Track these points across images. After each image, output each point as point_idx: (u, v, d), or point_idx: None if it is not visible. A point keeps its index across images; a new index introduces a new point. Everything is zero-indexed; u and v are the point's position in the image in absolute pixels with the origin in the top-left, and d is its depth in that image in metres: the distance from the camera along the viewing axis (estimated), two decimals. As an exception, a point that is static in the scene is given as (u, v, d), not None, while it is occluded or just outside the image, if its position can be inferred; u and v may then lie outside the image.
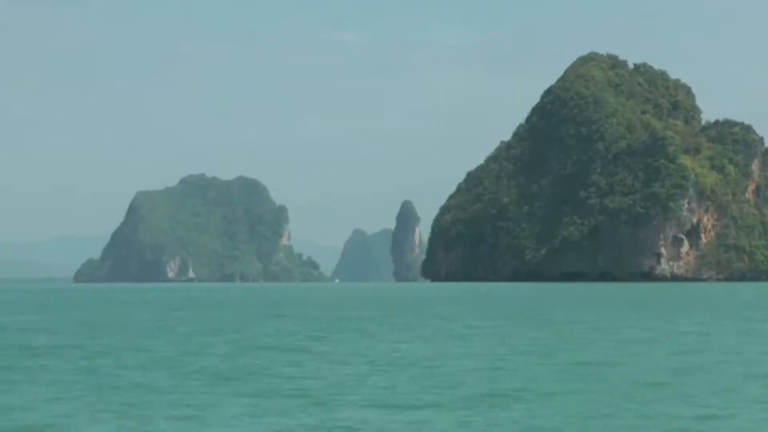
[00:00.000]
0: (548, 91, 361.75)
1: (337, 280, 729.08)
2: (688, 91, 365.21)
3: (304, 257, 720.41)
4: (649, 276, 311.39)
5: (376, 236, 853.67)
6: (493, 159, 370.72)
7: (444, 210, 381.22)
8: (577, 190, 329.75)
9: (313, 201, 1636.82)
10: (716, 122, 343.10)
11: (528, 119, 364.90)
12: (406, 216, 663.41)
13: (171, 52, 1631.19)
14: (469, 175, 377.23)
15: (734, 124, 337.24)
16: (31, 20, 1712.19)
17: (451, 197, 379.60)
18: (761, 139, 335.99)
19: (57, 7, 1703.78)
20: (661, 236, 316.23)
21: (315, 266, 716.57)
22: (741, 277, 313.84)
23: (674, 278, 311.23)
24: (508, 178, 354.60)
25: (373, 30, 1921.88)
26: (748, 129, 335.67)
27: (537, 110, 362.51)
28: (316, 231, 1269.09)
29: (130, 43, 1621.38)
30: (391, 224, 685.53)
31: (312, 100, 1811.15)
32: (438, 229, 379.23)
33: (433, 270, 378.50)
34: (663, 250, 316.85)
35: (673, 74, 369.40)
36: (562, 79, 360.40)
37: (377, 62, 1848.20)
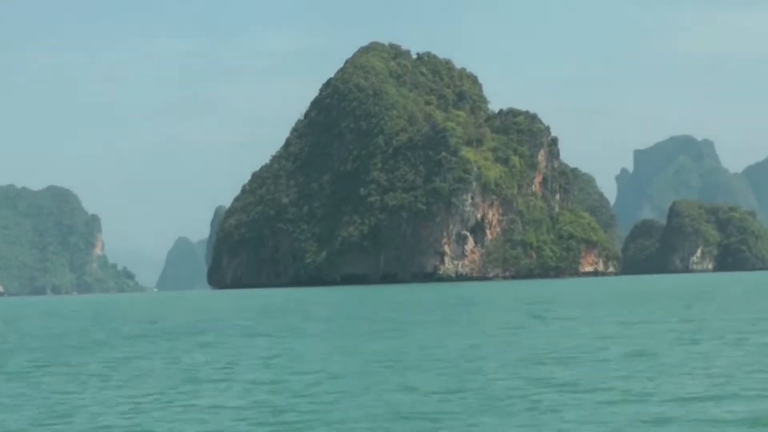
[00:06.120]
0: (327, 84, 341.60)
1: (155, 290, 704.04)
2: (474, 80, 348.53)
3: (119, 267, 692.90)
4: (432, 276, 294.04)
5: (201, 244, 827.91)
6: (277, 158, 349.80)
7: (228, 213, 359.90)
8: (357, 188, 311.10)
9: (137, 211, 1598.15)
10: (500, 112, 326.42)
11: (306, 114, 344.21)
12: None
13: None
14: (254, 175, 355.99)
15: (519, 113, 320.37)
16: None
17: (236, 200, 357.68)
18: (547, 128, 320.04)
19: None
20: (445, 234, 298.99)
21: (130, 276, 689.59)
22: (528, 275, 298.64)
23: (459, 278, 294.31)
24: (288, 177, 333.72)
25: (189, 38, 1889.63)
26: (533, 118, 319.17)
27: (316, 104, 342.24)
28: (142, 241, 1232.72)
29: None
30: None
31: (125, 108, 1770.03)
32: (222, 233, 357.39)
33: (218, 277, 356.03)
34: (447, 249, 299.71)
35: (458, 63, 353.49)
36: (341, 70, 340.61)
37: (193, 70, 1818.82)
